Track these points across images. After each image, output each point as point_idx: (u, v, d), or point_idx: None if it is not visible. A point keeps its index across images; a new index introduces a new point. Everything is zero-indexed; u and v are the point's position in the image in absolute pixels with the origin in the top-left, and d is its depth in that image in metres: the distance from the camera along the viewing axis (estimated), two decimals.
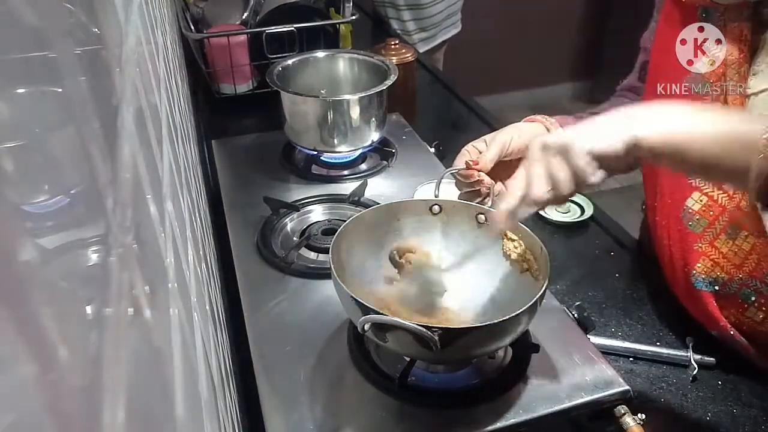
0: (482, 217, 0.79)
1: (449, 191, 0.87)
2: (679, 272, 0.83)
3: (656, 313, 0.90)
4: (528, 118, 0.90)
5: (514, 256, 0.77)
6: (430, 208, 0.82)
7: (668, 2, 0.82)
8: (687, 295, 0.83)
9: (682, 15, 0.79)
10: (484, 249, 0.80)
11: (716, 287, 0.79)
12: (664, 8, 0.84)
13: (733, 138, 0.59)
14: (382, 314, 0.62)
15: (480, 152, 0.81)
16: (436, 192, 0.82)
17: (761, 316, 0.77)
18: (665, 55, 0.82)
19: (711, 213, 0.78)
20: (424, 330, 0.60)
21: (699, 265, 0.79)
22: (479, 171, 0.80)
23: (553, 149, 0.65)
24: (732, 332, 0.79)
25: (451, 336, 0.61)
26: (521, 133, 0.84)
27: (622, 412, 0.70)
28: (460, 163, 0.81)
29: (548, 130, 0.86)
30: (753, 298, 0.77)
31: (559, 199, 0.66)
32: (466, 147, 0.83)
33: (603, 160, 0.63)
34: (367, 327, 0.63)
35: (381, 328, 0.64)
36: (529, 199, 0.66)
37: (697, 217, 0.79)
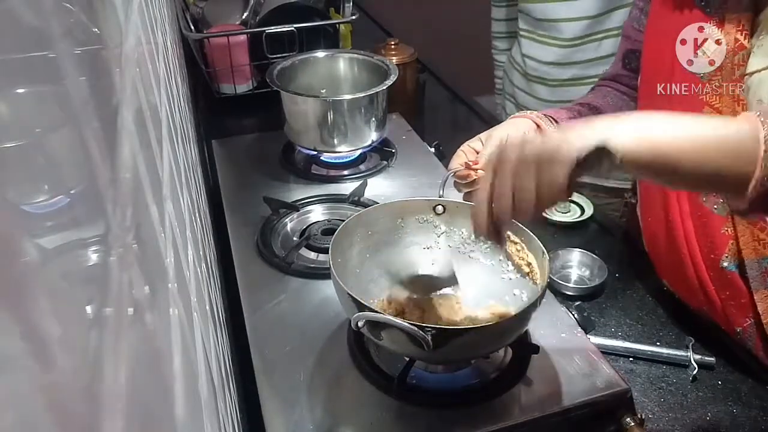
0: None
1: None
2: (701, 263, 0.80)
3: (656, 313, 0.90)
4: (516, 114, 0.90)
5: (516, 259, 0.77)
6: (434, 208, 0.82)
7: None
8: (714, 284, 0.80)
9: (676, 3, 0.79)
10: (486, 250, 0.81)
11: (746, 270, 0.77)
12: None
13: (728, 144, 0.56)
14: (376, 312, 0.62)
15: (477, 152, 0.81)
16: (441, 192, 0.82)
17: None
18: (660, 47, 0.82)
19: None
20: (417, 330, 0.60)
21: (728, 249, 0.77)
22: (479, 170, 0.80)
23: (529, 159, 0.57)
24: (766, 321, 0.76)
25: (444, 337, 0.61)
26: (517, 129, 0.84)
27: (622, 412, 0.70)
28: (456, 164, 0.81)
29: (538, 126, 0.86)
30: None
31: (521, 216, 0.60)
32: (461, 147, 0.82)
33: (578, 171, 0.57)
34: (360, 324, 0.63)
35: (375, 325, 0.64)
36: (500, 215, 0.61)
37: (722, 200, 0.77)
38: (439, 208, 0.82)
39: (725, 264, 0.78)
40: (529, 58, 1.42)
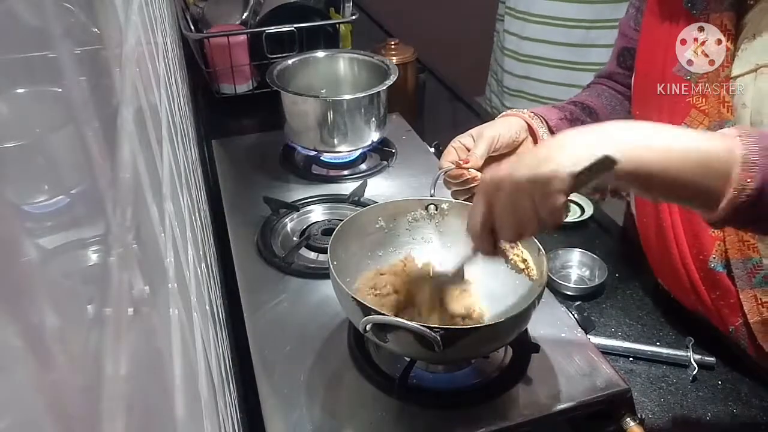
0: None
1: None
2: (691, 264, 0.81)
3: (656, 313, 0.90)
4: (507, 112, 0.89)
5: (510, 255, 0.77)
6: (426, 208, 0.82)
7: None
8: (705, 284, 0.81)
9: (666, 6, 0.79)
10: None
11: (732, 270, 0.77)
12: None
13: (707, 161, 0.55)
14: (383, 315, 0.62)
15: (468, 149, 0.81)
16: (432, 191, 0.82)
17: None
18: (653, 49, 0.82)
19: None
20: (427, 330, 0.60)
21: (715, 250, 0.78)
22: (471, 169, 0.80)
23: (526, 188, 0.56)
24: (753, 319, 0.77)
25: (452, 336, 0.61)
26: (509, 127, 0.84)
27: (622, 412, 0.70)
28: (447, 162, 0.81)
29: (529, 125, 0.86)
30: None
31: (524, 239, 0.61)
32: (452, 144, 0.82)
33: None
34: (368, 327, 0.63)
35: (382, 328, 0.64)
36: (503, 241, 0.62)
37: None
38: (431, 208, 0.82)
39: (713, 264, 0.79)
40: (509, 33, 1.62)
